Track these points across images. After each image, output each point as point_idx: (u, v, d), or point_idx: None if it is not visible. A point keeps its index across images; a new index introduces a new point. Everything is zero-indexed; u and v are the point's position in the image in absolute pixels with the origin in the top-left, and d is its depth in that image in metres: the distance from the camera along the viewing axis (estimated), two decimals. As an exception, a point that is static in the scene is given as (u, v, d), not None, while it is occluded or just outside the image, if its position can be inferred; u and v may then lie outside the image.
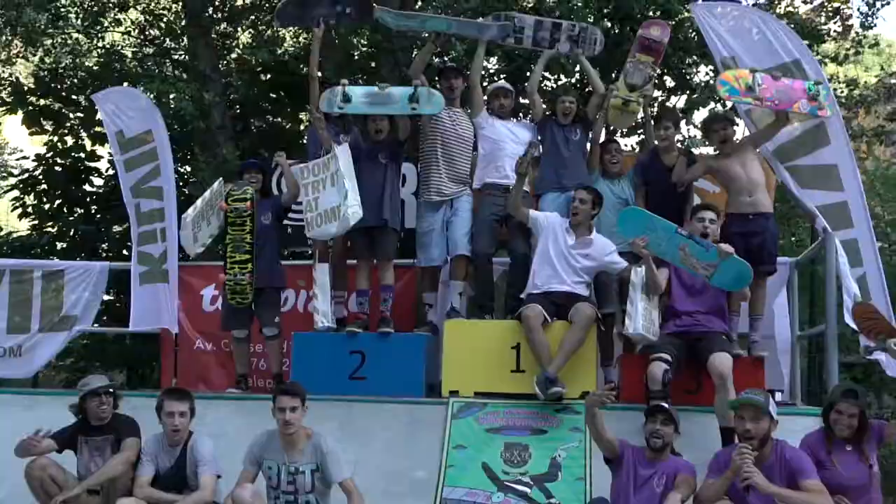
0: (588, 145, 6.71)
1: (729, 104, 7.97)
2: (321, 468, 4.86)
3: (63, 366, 11.02)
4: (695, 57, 9.59)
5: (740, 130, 7.12)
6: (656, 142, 6.55)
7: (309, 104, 6.86)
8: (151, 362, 9.77)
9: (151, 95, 9.59)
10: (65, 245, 11.80)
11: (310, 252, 7.16)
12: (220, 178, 7.00)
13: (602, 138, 6.94)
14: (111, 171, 12.30)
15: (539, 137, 6.62)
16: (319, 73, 6.81)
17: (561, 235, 6.10)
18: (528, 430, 5.70)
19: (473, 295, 6.62)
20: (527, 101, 7.07)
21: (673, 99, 10.70)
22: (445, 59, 7.92)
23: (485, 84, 7.58)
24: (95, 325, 8.23)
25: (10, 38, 12.87)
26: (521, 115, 7.27)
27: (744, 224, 5.98)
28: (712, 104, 9.76)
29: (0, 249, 11.34)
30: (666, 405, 4.81)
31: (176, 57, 12.73)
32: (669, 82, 10.25)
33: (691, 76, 9.31)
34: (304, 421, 5.00)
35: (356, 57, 11.43)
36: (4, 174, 15.50)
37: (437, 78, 6.77)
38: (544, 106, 7.16)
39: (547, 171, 6.61)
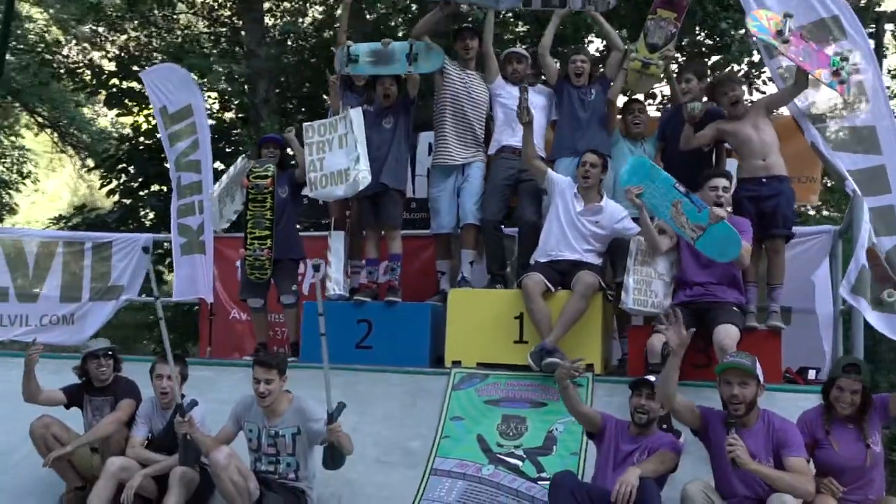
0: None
1: (756, 57, 7.37)
2: (303, 430, 4.86)
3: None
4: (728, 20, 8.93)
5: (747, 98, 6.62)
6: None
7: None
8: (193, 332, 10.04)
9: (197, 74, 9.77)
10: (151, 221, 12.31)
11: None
12: (244, 155, 7.08)
13: (621, 98, 6.59)
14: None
15: (555, 101, 6.38)
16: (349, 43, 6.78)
17: (570, 201, 5.87)
18: (528, 402, 5.54)
19: (484, 263, 6.45)
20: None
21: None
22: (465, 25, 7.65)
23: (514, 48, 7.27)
24: (143, 294, 8.48)
25: (95, 24, 13.52)
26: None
27: (756, 188, 5.59)
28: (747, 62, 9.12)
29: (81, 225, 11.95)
30: (651, 378, 4.54)
31: (224, 31, 12.96)
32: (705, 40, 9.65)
33: (727, 34, 8.71)
34: (307, 388, 5.05)
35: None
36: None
37: (453, 39, 6.63)
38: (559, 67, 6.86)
39: (562, 134, 6.37)
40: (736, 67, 9.43)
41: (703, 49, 9.90)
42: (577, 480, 4.43)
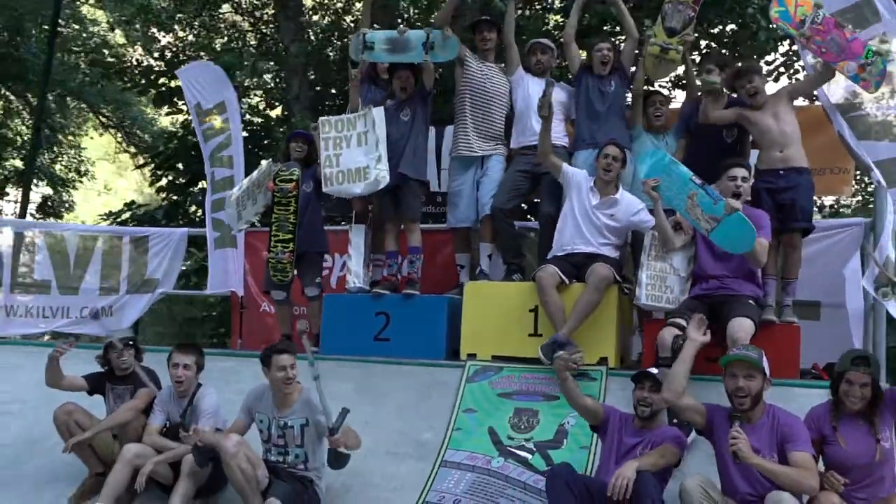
0: (629, 98, 6.31)
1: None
2: (311, 422, 4.91)
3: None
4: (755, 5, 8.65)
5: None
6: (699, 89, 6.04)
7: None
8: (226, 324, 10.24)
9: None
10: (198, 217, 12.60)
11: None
12: (269, 159, 7.14)
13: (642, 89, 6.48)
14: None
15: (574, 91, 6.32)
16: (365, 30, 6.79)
17: (585, 194, 5.80)
18: (541, 395, 5.50)
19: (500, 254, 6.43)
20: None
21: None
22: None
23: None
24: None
25: (145, 25, 13.86)
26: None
27: (774, 179, 5.45)
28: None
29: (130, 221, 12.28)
30: (654, 371, 4.47)
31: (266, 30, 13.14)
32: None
33: (755, 20, 8.43)
34: (325, 379, 4.97)
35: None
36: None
37: (472, 31, 6.62)
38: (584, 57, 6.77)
39: (581, 127, 6.30)
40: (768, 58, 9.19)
41: (727, 39, 9.64)
42: (574, 473, 4.38)
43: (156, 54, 13.70)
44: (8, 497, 5.50)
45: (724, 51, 9.50)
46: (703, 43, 9.52)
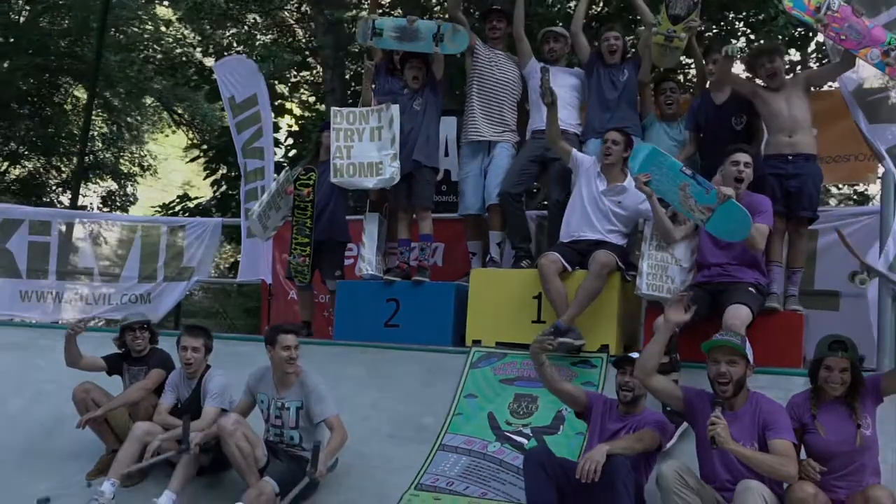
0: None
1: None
2: (306, 406, 5.04)
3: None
4: None
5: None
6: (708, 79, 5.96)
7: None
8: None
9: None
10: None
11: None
12: (287, 168, 7.26)
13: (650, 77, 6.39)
14: (290, 141, 13.36)
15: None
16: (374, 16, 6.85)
17: (593, 180, 5.79)
18: (541, 382, 5.48)
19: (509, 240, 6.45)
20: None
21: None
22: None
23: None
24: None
25: (204, 23, 14.26)
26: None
27: (782, 165, 5.33)
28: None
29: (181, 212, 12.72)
30: (634, 355, 4.44)
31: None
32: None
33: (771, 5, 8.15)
34: (336, 364, 5.48)
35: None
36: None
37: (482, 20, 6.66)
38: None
39: (592, 115, 6.27)
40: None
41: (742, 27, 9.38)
42: (551, 455, 4.39)
43: (210, 49, 14.10)
44: (35, 468, 5.78)
45: (733, 40, 9.26)
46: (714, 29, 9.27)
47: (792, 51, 9.22)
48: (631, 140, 5.74)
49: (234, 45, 13.59)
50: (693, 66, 6.93)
